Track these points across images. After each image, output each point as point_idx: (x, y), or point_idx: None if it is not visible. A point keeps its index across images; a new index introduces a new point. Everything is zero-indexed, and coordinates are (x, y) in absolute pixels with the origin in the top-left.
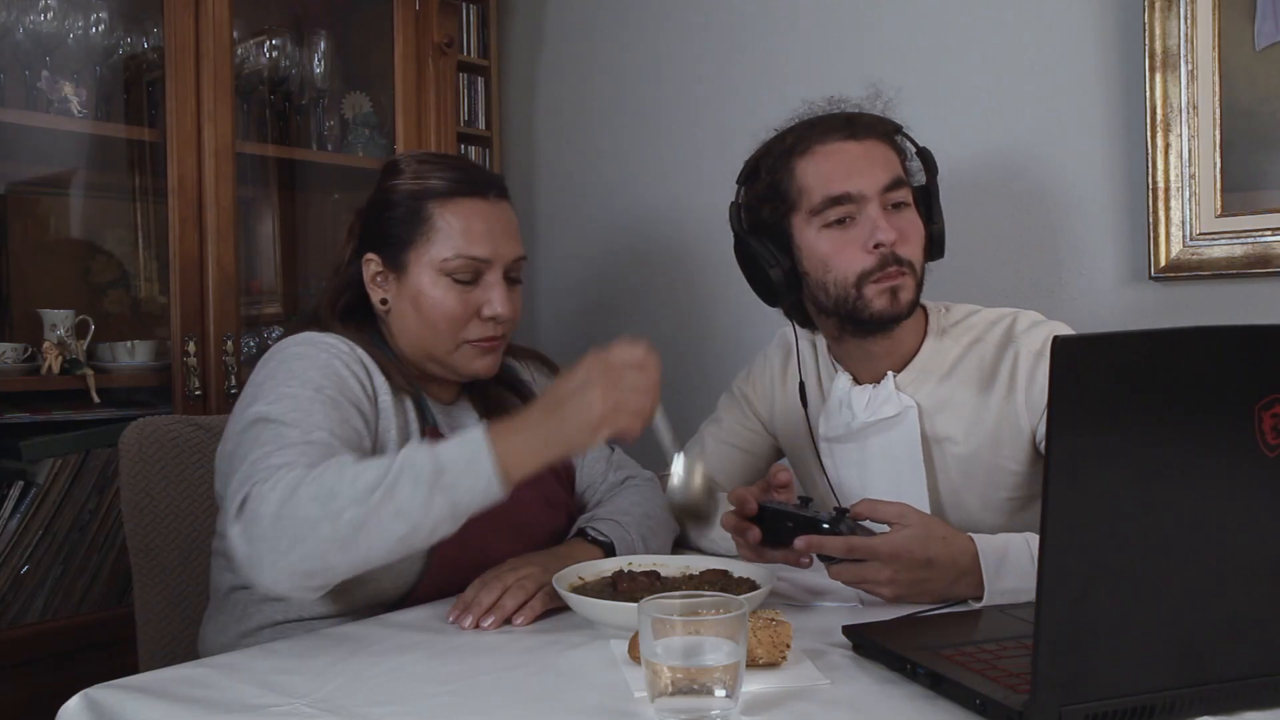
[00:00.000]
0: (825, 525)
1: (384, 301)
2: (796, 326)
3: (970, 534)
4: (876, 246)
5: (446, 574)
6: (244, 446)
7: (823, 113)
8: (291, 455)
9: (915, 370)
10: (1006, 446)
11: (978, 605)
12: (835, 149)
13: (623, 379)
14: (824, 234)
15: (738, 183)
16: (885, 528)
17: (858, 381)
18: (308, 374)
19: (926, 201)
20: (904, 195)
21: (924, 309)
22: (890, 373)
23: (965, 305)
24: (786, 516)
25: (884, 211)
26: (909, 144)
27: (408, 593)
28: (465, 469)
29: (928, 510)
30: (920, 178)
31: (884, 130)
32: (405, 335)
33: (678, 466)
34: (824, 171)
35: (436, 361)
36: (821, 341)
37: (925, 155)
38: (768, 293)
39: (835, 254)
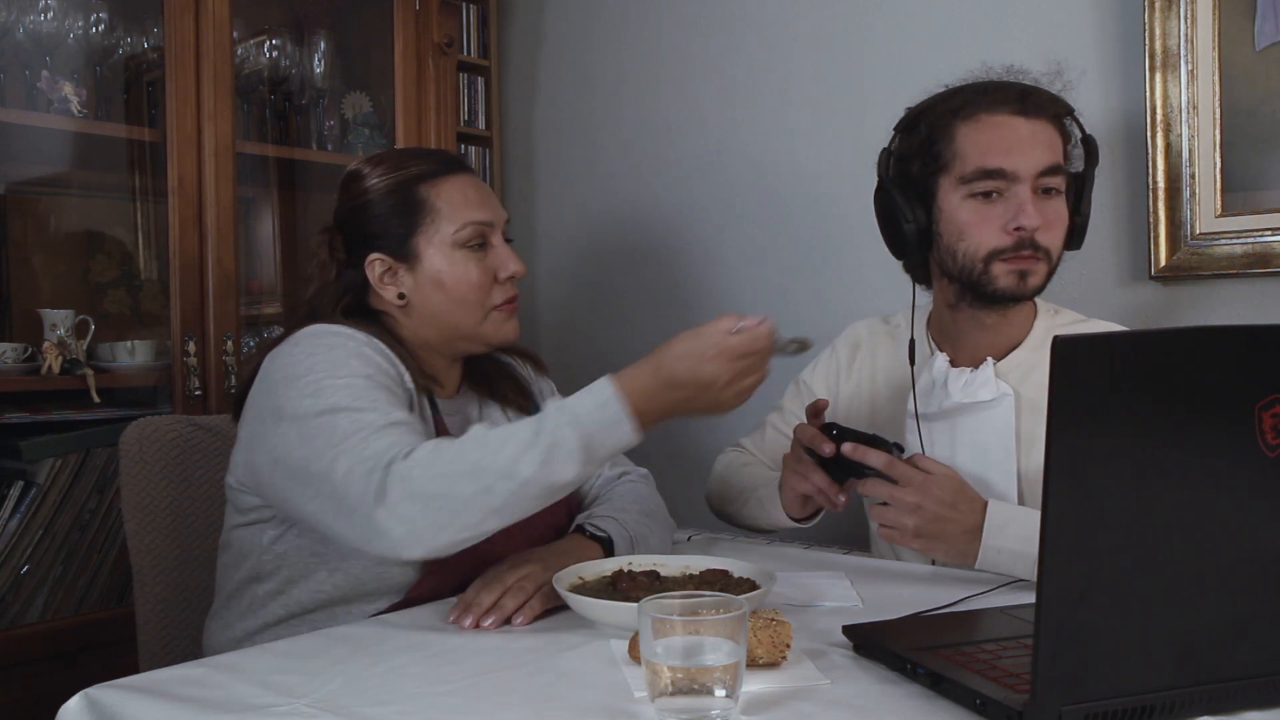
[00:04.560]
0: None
1: (401, 296)
2: (916, 287)
3: (988, 499)
4: (1017, 229)
5: (450, 564)
6: (319, 441)
7: (999, 80)
8: (393, 436)
9: (1015, 363)
10: None
11: (976, 566)
12: (1002, 121)
13: (748, 371)
14: (968, 203)
15: (895, 130)
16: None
17: (954, 364)
18: (350, 363)
19: (1078, 190)
20: (1058, 182)
21: (1034, 305)
22: (990, 359)
23: (1073, 313)
24: (847, 433)
25: (1034, 195)
26: (1075, 129)
27: (410, 582)
28: (610, 431)
29: (1014, 495)
30: (1078, 164)
31: (1055, 112)
32: (432, 320)
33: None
34: (984, 142)
35: (467, 337)
36: (919, 323)
37: (1089, 143)
38: (897, 246)
39: (974, 225)
